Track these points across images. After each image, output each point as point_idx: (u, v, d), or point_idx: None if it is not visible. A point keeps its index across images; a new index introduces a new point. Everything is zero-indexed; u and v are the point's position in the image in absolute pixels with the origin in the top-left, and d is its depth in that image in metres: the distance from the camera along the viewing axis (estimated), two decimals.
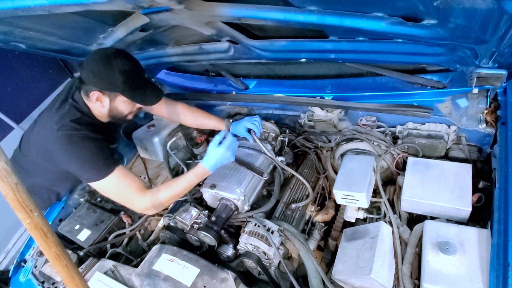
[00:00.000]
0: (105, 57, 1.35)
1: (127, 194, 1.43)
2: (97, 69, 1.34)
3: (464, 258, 1.11)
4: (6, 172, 0.75)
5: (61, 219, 1.93)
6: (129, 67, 1.38)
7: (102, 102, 1.43)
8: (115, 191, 1.44)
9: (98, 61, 1.35)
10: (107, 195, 1.47)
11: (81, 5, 0.98)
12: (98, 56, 1.36)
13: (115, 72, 1.34)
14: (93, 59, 1.36)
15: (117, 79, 1.35)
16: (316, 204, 1.80)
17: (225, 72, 1.95)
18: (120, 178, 1.41)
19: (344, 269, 1.33)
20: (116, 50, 1.39)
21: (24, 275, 1.72)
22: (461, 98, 1.47)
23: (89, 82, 1.39)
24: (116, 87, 1.38)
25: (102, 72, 1.34)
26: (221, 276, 1.35)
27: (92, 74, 1.36)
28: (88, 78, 1.38)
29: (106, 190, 1.44)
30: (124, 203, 1.46)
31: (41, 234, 0.85)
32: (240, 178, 1.58)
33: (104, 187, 1.41)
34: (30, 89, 3.28)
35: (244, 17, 1.18)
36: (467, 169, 1.38)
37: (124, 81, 1.36)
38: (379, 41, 1.23)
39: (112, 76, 1.35)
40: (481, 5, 0.80)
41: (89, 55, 1.39)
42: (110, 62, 1.34)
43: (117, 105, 1.47)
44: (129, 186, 1.42)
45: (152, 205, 1.44)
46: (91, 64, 1.35)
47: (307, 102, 1.72)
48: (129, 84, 1.39)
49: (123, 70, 1.35)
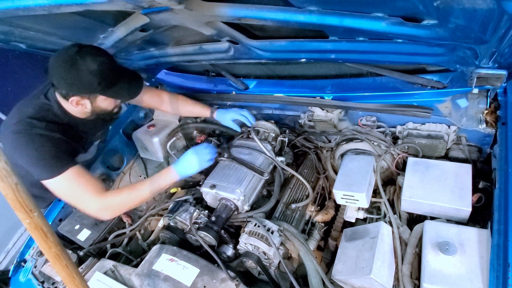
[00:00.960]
0: (70, 61, 1.24)
1: (78, 195, 1.37)
2: (67, 76, 1.26)
3: (464, 258, 1.11)
4: (6, 172, 0.75)
5: (61, 219, 1.92)
6: (99, 65, 1.26)
7: (83, 105, 1.37)
8: (66, 192, 1.38)
9: (65, 67, 1.25)
10: (58, 195, 1.40)
11: (81, 5, 0.98)
12: (62, 61, 1.25)
13: (87, 74, 1.25)
14: (58, 65, 1.26)
15: (92, 81, 1.27)
16: (316, 204, 1.80)
17: (225, 72, 1.95)
18: (73, 178, 1.34)
19: (344, 269, 1.33)
20: (79, 48, 1.26)
21: (24, 275, 1.72)
22: (461, 98, 1.47)
23: (63, 88, 1.32)
24: (93, 89, 1.31)
25: (73, 77, 1.26)
26: (221, 276, 1.35)
27: (64, 81, 1.28)
28: (60, 85, 1.31)
29: (57, 190, 1.37)
30: (75, 204, 1.42)
31: (41, 234, 0.86)
32: (240, 178, 1.58)
33: (54, 186, 1.35)
34: (30, 89, 3.28)
35: (244, 17, 1.18)
36: (467, 169, 1.38)
37: (99, 82, 1.28)
38: (379, 41, 1.23)
39: (85, 79, 1.26)
40: (481, 5, 0.80)
41: (52, 60, 1.27)
42: (78, 65, 1.24)
43: (99, 105, 1.41)
44: (82, 188, 1.36)
45: (107, 207, 1.38)
46: (59, 71, 1.26)
47: (307, 102, 1.72)
48: (105, 83, 1.31)
49: (95, 70, 1.26)
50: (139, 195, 1.44)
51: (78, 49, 1.26)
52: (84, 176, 1.39)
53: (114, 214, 1.45)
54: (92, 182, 1.40)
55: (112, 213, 1.44)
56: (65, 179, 1.33)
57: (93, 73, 1.26)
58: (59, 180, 1.33)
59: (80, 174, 1.38)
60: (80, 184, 1.36)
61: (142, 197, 1.45)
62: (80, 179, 1.37)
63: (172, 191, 1.98)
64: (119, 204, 1.42)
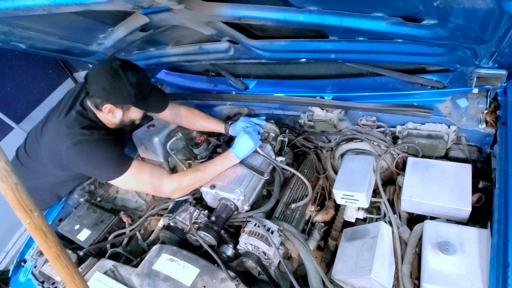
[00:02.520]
0: (114, 72, 1.37)
1: (151, 181, 1.48)
2: (108, 85, 1.38)
3: (464, 258, 1.11)
4: (6, 172, 0.76)
5: (61, 219, 1.92)
6: (137, 79, 1.42)
7: (113, 113, 1.49)
8: (139, 182, 1.48)
9: (108, 77, 1.37)
10: (131, 188, 1.51)
11: (81, 5, 0.98)
12: (106, 71, 1.38)
13: (127, 85, 1.39)
14: (101, 74, 1.38)
15: (129, 92, 1.41)
16: (316, 204, 1.80)
17: (225, 72, 1.95)
18: (139, 169, 1.46)
19: (344, 269, 1.33)
20: (122, 63, 1.41)
21: (24, 275, 1.72)
22: (461, 98, 1.47)
23: (99, 97, 1.43)
24: (129, 100, 1.44)
25: (114, 87, 1.38)
26: (221, 276, 1.35)
27: (104, 90, 1.39)
28: (98, 93, 1.42)
29: (129, 184, 1.47)
30: (150, 191, 1.52)
31: (41, 234, 0.86)
32: (240, 178, 1.58)
33: (126, 182, 1.45)
34: (30, 89, 3.29)
35: (244, 17, 1.18)
36: (467, 169, 1.38)
37: (136, 93, 1.43)
38: (379, 41, 1.23)
39: (124, 90, 1.40)
40: (481, 5, 0.80)
41: (95, 70, 1.41)
42: (120, 76, 1.37)
43: (129, 115, 1.55)
44: (151, 175, 1.47)
45: (178, 187, 1.50)
46: (101, 80, 1.38)
47: (307, 102, 1.72)
48: (140, 95, 1.45)
49: (134, 83, 1.40)
50: (202, 177, 1.55)
51: (121, 63, 1.41)
52: (146, 165, 1.53)
53: (183, 193, 1.56)
54: (156, 169, 1.52)
55: (181, 193, 1.56)
56: (133, 172, 1.44)
57: (132, 85, 1.40)
58: (129, 174, 1.43)
59: (142, 164, 1.51)
60: (148, 172, 1.48)
61: (204, 180, 1.57)
62: (145, 169, 1.50)
63: None
64: (188, 184, 1.53)
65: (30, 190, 0.82)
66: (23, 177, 1.67)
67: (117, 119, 1.54)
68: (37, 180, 1.65)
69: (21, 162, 1.65)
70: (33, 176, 1.62)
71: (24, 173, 1.64)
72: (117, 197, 2.17)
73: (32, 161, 1.59)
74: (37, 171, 1.61)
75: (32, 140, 1.61)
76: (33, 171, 1.62)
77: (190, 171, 1.56)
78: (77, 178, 1.74)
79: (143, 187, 1.52)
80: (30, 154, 1.60)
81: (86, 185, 2.05)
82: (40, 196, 1.76)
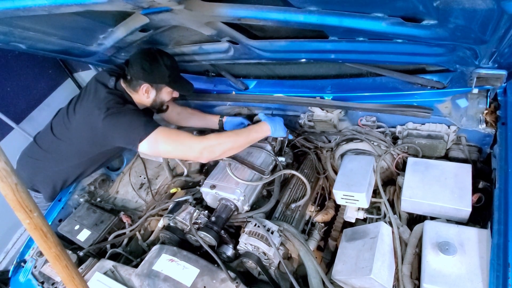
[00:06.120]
0: (152, 56, 1.56)
1: (180, 142, 1.50)
2: (147, 66, 1.54)
3: (464, 258, 1.11)
4: (6, 172, 0.76)
5: (61, 219, 1.92)
6: (171, 63, 1.61)
7: (148, 93, 1.63)
8: (167, 142, 1.49)
9: (147, 59, 1.55)
10: (160, 150, 1.50)
11: (81, 5, 0.98)
12: (145, 55, 1.57)
13: (163, 67, 1.56)
14: (141, 57, 1.56)
15: (165, 73, 1.58)
16: (316, 204, 1.80)
17: (225, 72, 1.95)
18: (167, 131, 1.51)
19: (344, 269, 1.33)
20: (158, 49, 1.61)
21: (24, 275, 1.72)
22: (461, 98, 1.47)
23: (138, 77, 1.58)
24: (163, 80, 1.61)
25: (152, 68, 1.55)
26: (221, 276, 1.35)
27: (143, 70, 1.55)
28: (137, 74, 1.57)
29: (158, 145, 1.47)
30: (179, 151, 1.54)
31: (41, 235, 0.86)
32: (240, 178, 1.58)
33: (155, 142, 1.46)
34: (30, 89, 3.28)
35: (244, 17, 1.18)
36: (467, 169, 1.38)
37: (170, 75, 1.60)
38: (379, 41, 1.23)
39: (160, 70, 1.57)
40: (481, 5, 0.80)
41: (135, 54, 1.59)
42: (157, 59, 1.56)
43: (161, 96, 1.69)
44: (180, 135, 1.52)
45: (207, 144, 1.50)
46: (141, 62, 1.55)
47: (307, 102, 1.72)
48: (173, 77, 1.63)
49: (169, 65, 1.58)
50: (234, 140, 1.57)
51: (158, 49, 1.61)
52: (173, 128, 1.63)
53: (214, 154, 1.52)
54: (183, 131, 1.57)
55: (211, 154, 1.52)
56: (162, 131, 1.48)
57: (167, 67, 1.58)
58: (158, 133, 1.46)
59: (169, 128, 1.59)
60: (176, 132, 1.55)
61: (235, 143, 1.57)
62: (173, 130, 1.59)
63: (172, 191, 1.98)
64: (219, 144, 1.52)
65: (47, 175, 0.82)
66: (43, 161, 1.71)
67: (150, 99, 1.66)
68: (57, 165, 1.72)
69: (44, 148, 1.72)
70: (57, 158, 1.70)
71: (43, 157, 1.73)
72: (117, 197, 2.17)
73: (62, 142, 1.66)
74: (64, 152, 1.68)
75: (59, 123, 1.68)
76: (58, 154, 1.69)
77: (223, 134, 1.60)
78: (99, 160, 1.78)
79: (172, 147, 1.51)
80: (60, 136, 1.67)
81: (86, 185, 2.06)
82: (54, 181, 1.80)
